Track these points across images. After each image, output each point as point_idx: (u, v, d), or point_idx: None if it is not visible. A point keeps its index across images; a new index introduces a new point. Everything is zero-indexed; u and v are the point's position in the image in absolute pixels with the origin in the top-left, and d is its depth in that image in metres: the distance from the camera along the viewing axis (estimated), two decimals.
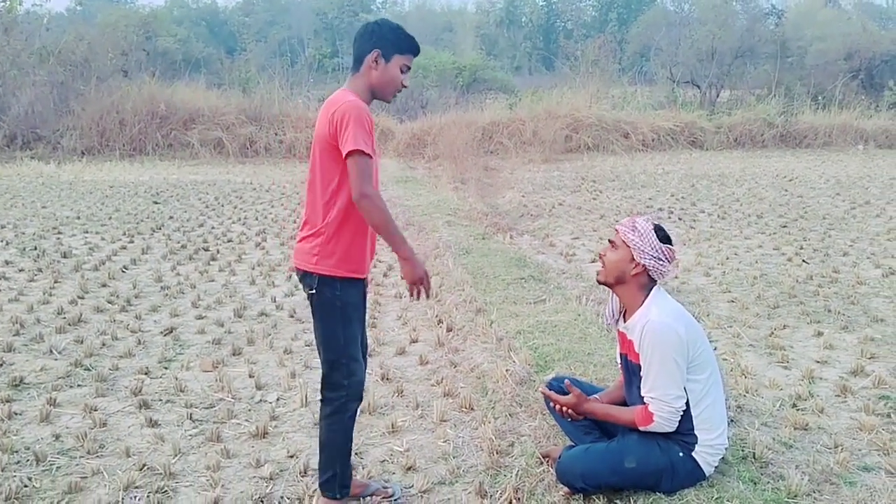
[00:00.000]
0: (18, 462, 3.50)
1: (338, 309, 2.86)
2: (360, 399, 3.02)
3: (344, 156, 2.72)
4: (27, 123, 18.19)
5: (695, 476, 2.99)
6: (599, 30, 48.90)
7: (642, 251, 2.99)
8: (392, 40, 2.91)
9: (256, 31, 54.50)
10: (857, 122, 20.16)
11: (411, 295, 2.90)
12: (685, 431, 2.96)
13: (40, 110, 18.48)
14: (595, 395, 3.25)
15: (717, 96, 25.81)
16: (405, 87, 2.99)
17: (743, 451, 3.35)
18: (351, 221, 2.84)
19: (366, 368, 3.06)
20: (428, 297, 2.96)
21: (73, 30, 21.06)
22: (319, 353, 2.95)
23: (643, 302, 3.04)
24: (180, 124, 18.33)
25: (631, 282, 3.05)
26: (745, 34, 27.14)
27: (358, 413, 3.03)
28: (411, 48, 2.97)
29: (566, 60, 27.71)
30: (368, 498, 3.14)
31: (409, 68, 2.99)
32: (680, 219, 9.73)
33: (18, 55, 19.25)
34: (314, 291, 2.86)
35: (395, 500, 3.22)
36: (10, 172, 14.77)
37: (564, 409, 3.14)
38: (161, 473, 3.35)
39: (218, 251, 8.00)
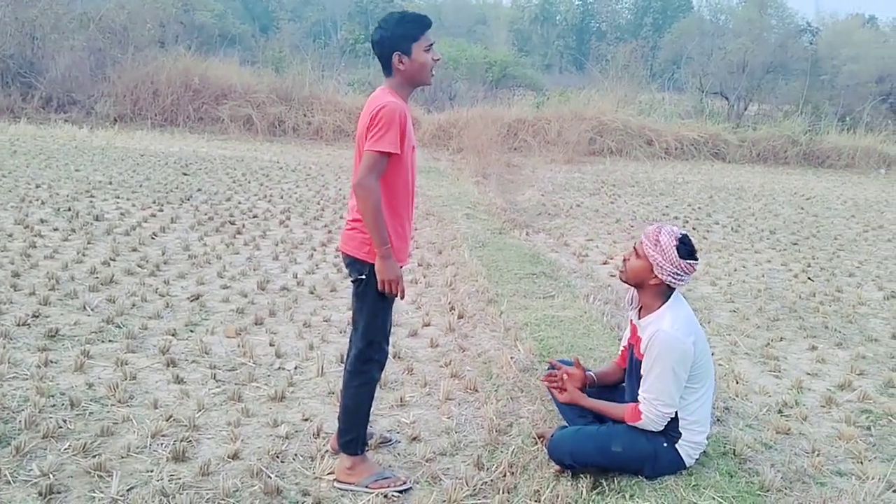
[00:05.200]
0: (55, 405, 3.78)
1: (383, 294, 3.07)
2: (383, 369, 3.30)
3: (365, 148, 2.95)
4: (63, 87, 18.55)
5: (676, 465, 3.22)
6: (633, 34, 48.88)
7: (661, 267, 3.14)
8: (402, 34, 2.99)
9: (291, 9, 54.75)
10: (882, 147, 20.09)
11: (381, 290, 3.03)
12: (671, 429, 3.18)
13: (76, 75, 18.84)
14: (590, 372, 3.52)
15: (745, 109, 25.80)
16: (437, 60, 3.08)
17: (724, 447, 3.57)
18: (391, 215, 3.04)
19: (389, 345, 3.33)
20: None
21: None
22: (356, 330, 3.19)
23: (660, 306, 3.22)
24: (212, 99, 18.65)
25: (649, 288, 3.23)
26: (777, 49, 27.07)
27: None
28: (423, 27, 3.02)
29: (597, 62, 27.84)
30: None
31: (432, 44, 3.04)
32: (694, 229, 9.91)
33: (60, 19, 19.58)
34: (363, 277, 3.08)
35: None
36: (45, 134, 15.13)
37: (559, 382, 3.42)
38: (186, 425, 3.63)
39: (244, 225, 8.29)
